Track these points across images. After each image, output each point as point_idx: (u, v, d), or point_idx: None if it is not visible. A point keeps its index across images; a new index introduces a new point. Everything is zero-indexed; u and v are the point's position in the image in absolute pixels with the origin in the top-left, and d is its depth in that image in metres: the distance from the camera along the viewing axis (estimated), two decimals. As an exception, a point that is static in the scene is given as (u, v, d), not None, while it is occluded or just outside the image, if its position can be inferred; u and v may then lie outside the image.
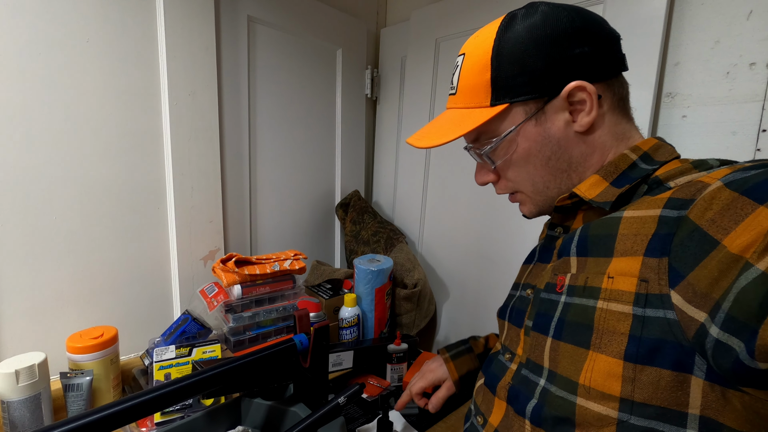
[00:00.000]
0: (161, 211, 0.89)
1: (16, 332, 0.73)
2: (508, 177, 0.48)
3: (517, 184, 0.48)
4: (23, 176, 0.71)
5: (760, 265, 0.27)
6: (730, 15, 0.71)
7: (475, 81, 0.45)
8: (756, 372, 0.27)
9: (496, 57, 0.42)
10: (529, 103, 0.43)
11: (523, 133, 0.44)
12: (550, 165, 0.45)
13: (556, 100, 0.42)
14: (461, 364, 0.67)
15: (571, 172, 0.45)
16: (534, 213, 0.50)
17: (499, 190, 0.51)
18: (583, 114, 0.42)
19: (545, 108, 0.43)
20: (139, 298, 0.89)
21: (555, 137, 0.43)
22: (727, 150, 0.73)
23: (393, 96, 1.34)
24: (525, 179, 0.47)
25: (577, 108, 0.42)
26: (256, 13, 1.01)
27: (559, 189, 0.46)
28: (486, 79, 0.43)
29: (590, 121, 0.42)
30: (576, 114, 0.43)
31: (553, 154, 0.44)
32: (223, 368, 0.50)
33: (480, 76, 0.44)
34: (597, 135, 0.43)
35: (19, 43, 0.69)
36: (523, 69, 0.42)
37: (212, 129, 0.94)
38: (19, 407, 0.58)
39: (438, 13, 1.14)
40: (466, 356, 0.68)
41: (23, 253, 0.73)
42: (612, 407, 0.34)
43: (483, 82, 0.44)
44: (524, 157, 0.45)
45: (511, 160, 0.46)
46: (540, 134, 0.44)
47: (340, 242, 1.35)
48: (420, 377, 0.70)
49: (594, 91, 0.41)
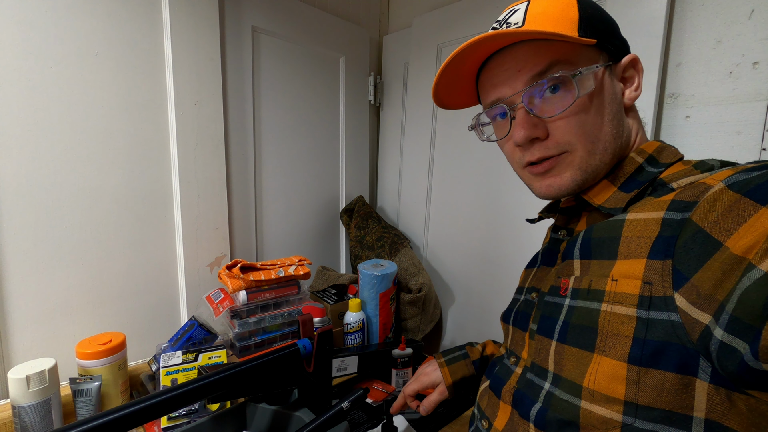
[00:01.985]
0: (168, 218, 0.91)
1: (27, 338, 0.75)
2: (567, 128, 0.41)
3: (574, 139, 0.41)
4: (35, 186, 0.73)
5: (762, 266, 0.26)
6: (731, 15, 0.71)
7: (557, 13, 0.40)
8: (761, 374, 0.27)
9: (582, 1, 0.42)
10: (605, 54, 0.42)
11: (603, 79, 0.41)
12: (614, 122, 0.42)
13: (617, 66, 0.43)
14: (455, 369, 0.66)
15: (622, 140, 0.43)
16: (578, 180, 0.42)
17: (545, 150, 0.42)
18: (631, 89, 0.44)
19: (613, 68, 0.43)
20: (147, 304, 0.90)
21: (618, 98, 0.43)
22: (732, 150, 0.72)
23: (396, 102, 1.35)
24: (588, 132, 0.41)
25: (627, 83, 0.44)
26: (260, 23, 1.03)
27: (612, 156, 0.42)
28: (574, 15, 0.40)
29: (635, 97, 0.44)
30: (625, 88, 0.44)
31: (617, 112, 0.42)
32: (227, 373, 0.50)
33: (566, 11, 0.40)
34: (633, 116, 0.45)
35: (31, 57, 0.71)
36: (602, 18, 0.42)
37: (218, 138, 0.96)
38: (30, 412, 0.59)
39: (439, 19, 1.15)
40: (461, 362, 0.67)
41: (34, 261, 0.74)
42: (616, 410, 0.33)
43: (570, 16, 0.40)
44: (599, 103, 0.41)
45: (584, 104, 0.40)
46: (611, 88, 0.42)
47: (345, 247, 1.36)
48: (414, 380, 0.69)
49: (642, 70, 0.43)
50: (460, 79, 0.47)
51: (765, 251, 0.27)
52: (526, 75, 0.41)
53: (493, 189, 1.05)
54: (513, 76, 0.42)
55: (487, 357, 0.68)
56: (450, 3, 1.13)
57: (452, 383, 0.65)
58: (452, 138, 1.15)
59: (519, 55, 0.41)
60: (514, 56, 0.41)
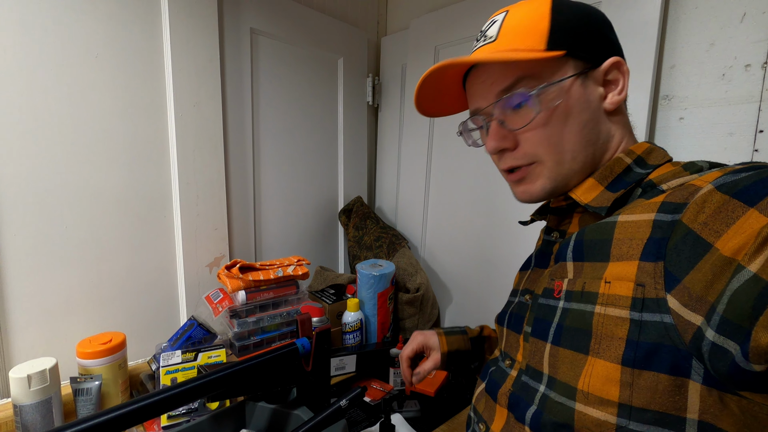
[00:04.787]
0: (167, 219, 0.92)
1: (28, 338, 0.76)
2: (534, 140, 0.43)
3: (541, 151, 0.43)
4: (36, 187, 0.74)
5: (751, 267, 0.27)
6: (724, 18, 0.72)
7: (528, 26, 0.42)
8: (751, 374, 0.27)
9: (557, 7, 0.42)
10: (579, 62, 0.42)
11: (570, 90, 0.42)
12: (584, 132, 0.42)
13: (596, 72, 0.43)
14: (453, 341, 0.68)
15: (596, 149, 0.43)
16: (547, 189, 0.44)
17: (514, 160, 0.45)
18: (615, 93, 0.43)
19: (588, 74, 0.43)
20: (147, 304, 0.90)
21: (593, 105, 0.43)
22: (725, 151, 0.73)
23: (394, 103, 1.36)
24: (554, 143, 0.42)
25: (611, 86, 0.43)
26: (258, 25, 1.04)
27: (583, 164, 0.43)
28: (543, 27, 0.41)
29: (619, 101, 0.43)
30: (608, 91, 0.43)
31: (589, 120, 0.43)
32: (227, 371, 0.51)
33: (536, 23, 0.42)
34: (617, 120, 0.44)
35: (32, 59, 0.71)
36: (579, 23, 0.42)
37: (217, 138, 0.96)
38: (31, 411, 0.60)
39: (437, 21, 1.16)
40: (458, 336, 0.69)
41: (35, 261, 0.75)
42: (611, 412, 0.34)
43: (539, 29, 0.41)
44: (565, 115, 0.42)
45: (548, 117, 0.42)
46: (583, 96, 0.42)
47: (344, 248, 1.36)
48: (411, 341, 0.71)
49: (628, 72, 0.43)
50: (444, 90, 0.50)
51: (754, 252, 0.27)
52: (496, 89, 0.44)
53: (490, 190, 1.06)
54: (486, 89, 0.45)
55: (484, 337, 0.69)
56: (447, 5, 1.14)
57: (447, 352, 0.66)
58: (450, 139, 1.16)
59: (490, 70, 0.44)
60: (487, 70, 0.44)
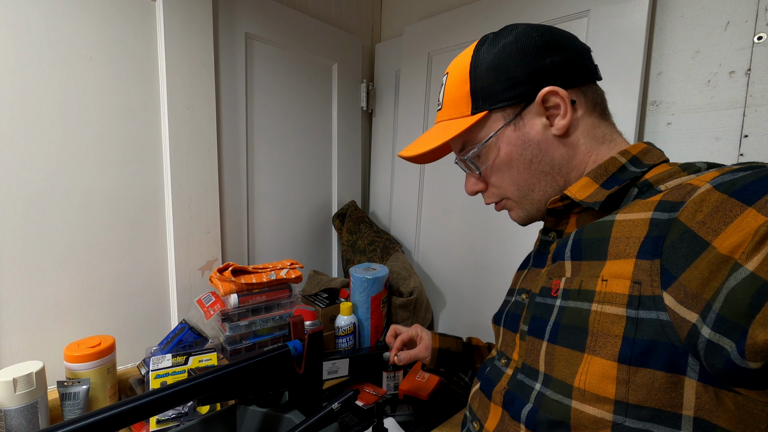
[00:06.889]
0: (160, 222, 0.91)
1: (15, 341, 0.74)
2: (494, 183, 0.50)
3: (504, 190, 0.50)
4: (25, 189, 0.73)
5: (748, 266, 0.27)
6: (708, 26, 0.74)
7: (457, 94, 0.48)
8: (747, 372, 0.28)
9: (474, 70, 0.46)
10: (507, 109, 0.46)
11: (503, 138, 0.46)
12: (532, 168, 0.46)
13: (532, 106, 0.45)
14: (445, 341, 0.72)
15: (554, 174, 0.46)
16: (523, 218, 0.51)
17: (488, 198, 0.53)
18: (559, 117, 0.44)
19: (522, 113, 0.45)
20: (137, 307, 0.89)
21: (535, 140, 0.45)
22: (711, 155, 0.75)
23: (388, 108, 1.37)
24: (510, 183, 0.48)
25: (553, 112, 0.45)
26: (253, 30, 1.05)
27: (545, 192, 0.47)
28: (466, 91, 0.47)
29: (566, 124, 0.44)
30: (552, 118, 0.45)
31: (534, 156, 0.46)
32: (217, 373, 0.51)
33: (461, 89, 0.48)
34: (575, 138, 0.45)
35: (24, 60, 0.71)
36: (497, 78, 0.45)
37: (210, 142, 0.96)
38: (17, 415, 0.59)
39: (430, 28, 1.18)
40: (451, 338, 0.73)
41: (23, 263, 0.74)
42: (607, 410, 0.34)
43: (464, 94, 0.47)
44: (507, 161, 0.47)
45: (494, 165, 0.48)
46: (519, 138, 0.46)
47: (337, 252, 1.36)
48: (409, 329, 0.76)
49: (566, 95, 0.43)
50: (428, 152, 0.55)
51: (751, 251, 0.27)
52: (456, 150, 0.53)
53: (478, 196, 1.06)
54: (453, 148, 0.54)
55: (473, 346, 0.73)
56: (440, 12, 1.16)
57: (438, 348, 0.71)
58: (443, 144, 1.17)
59: None
60: None
